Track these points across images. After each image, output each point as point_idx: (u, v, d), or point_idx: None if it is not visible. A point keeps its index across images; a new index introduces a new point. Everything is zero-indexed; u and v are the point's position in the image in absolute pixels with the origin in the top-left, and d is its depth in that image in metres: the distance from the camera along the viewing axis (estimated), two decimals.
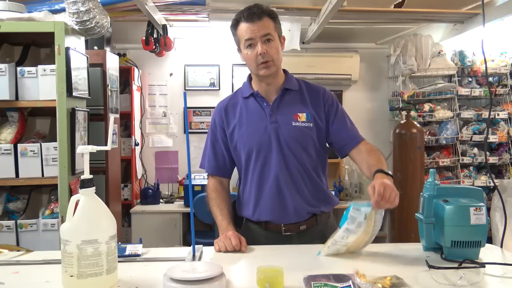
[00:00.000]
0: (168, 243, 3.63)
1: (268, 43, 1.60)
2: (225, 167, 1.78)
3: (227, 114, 1.73)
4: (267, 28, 1.60)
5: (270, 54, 1.60)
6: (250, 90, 1.72)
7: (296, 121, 1.65)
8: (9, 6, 2.38)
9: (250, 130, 1.67)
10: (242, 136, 1.68)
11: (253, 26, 1.59)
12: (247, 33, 1.60)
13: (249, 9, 1.60)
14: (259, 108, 1.69)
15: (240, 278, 1.22)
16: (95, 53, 3.20)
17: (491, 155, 4.07)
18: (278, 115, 1.66)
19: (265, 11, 1.61)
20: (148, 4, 3.06)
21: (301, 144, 1.64)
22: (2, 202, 2.45)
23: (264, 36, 1.59)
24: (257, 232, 1.70)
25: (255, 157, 1.66)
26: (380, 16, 3.46)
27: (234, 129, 1.70)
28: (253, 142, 1.66)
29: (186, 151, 1.39)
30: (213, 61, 4.29)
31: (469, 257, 1.34)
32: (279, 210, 1.64)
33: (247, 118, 1.69)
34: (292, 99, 1.69)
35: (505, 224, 1.86)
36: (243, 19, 1.61)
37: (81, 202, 1.15)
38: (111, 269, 1.15)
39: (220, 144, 1.75)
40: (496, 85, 4.13)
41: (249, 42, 1.61)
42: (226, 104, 1.76)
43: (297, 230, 1.66)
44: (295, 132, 1.64)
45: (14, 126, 2.42)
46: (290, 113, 1.66)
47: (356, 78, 4.15)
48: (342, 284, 1.10)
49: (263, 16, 1.60)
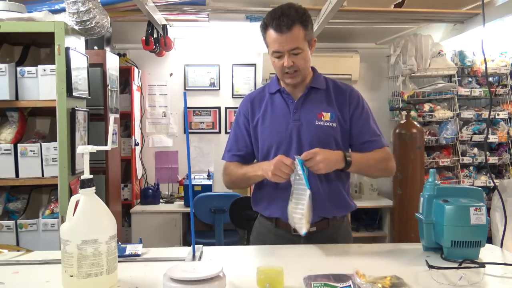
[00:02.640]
0: (168, 243, 3.63)
1: (296, 56, 1.56)
2: (245, 157, 1.75)
3: (253, 106, 1.72)
4: (296, 40, 1.53)
5: (297, 65, 1.57)
6: (277, 86, 1.70)
7: (319, 120, 1.62)
8: (9, 6, 2.38)
9: (272, 126, 1.66)
10: (263, 131, 1.67)
11: (281, 38, 1.53)
12: (274, 45, 1.55)
13: (279, 19, 1.52)
14: (284, 104, 1.67)
15: (240, 278, 1.22)
16: (95, 53, 3.20)
17: (491, 155, 4.07)
18: (302, 113, 1.64)
19: (296, 20, 1.52)
20: (148, 4, 3.06)
21: (322, 144, 1.57)
22: (2, 202, 2.45)
23: (291, 50, 1.54)
24: (268, 229, 1.70)
25: (274, 153, 1.63)
26: (380, 16, 3.46)
27: (257, 122, 1.70)
28: (273, 139, 1.64)
29: (186, 151, 1.39)
30: (213, 61, 4.29)
31: (469, 257, 1.34)
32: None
33: (271, 114, 1.68)
34: (317, 98, 1.66)
35: (505, 224, 1.86)
36: (272, 28, 1.54)
37: (81, 202, 1.15)
38: (111, 269, 1.15)
39: (244, 135, 1.74)
40: (496, 85, 4.13)
41: (277, 54, 1.57)
42: (253, 96, 1.75)
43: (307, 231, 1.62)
44: (317, 131, 1.61)
45: (14, 126, 2.42)
46: (314, 111, 1.63)
47: (356, 78, 4.15)
48: (342, 284, 1.10)
49: (293, 26, 1.52)
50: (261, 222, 1.75)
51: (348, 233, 1.75)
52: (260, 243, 1.68)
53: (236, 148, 1.74)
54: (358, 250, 1.51)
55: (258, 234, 1.75)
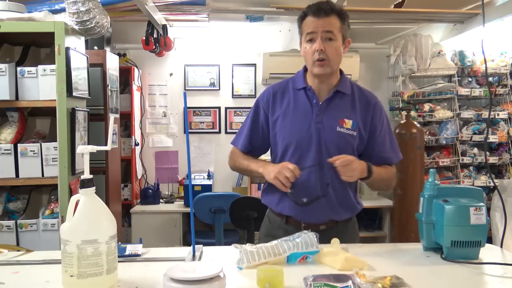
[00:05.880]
0: (168, 243, 3.63)
1: (329, 42, 1.56)
2: (256, 150, 1.76)
3: (275, 100, 1.70)
4: (332, 25, 1.56)
5: (328, 53, 1.56)
6: (303, 83, 1.68)
7: (341, 127, 1.62)
8: (9, 6, 2.38)
9: (293, 124, 1.65)
10: (284, 128, 1.66)
11: (318, 21, 1.55)
12: (310, 27, 1.57)
13: (319, 4, 1.57)
14: (307, 104, 1.65)
15: (240, 278, 1.22)
16: (95, 53, 3.20)
17: (491, 155, 4.07)
18: (325, 116, 1.63)
19: (335, 9, 1.57)
20: (148, 4, 3.06)
21: (340, 150, 1.58)
22: (2, 202, 2.45)
23: (326, 33, 1.55)
24: (278, 224, 1.71)
25: (292, 152, 1.64)
26: (380, 16, 3.46)
27: (278, 118, 1.68)
28: (293, 138, 1.64)
29: (186, 151, 1.39)
30: (213, 61, 4.29)
31: (469, 257, 1.34)
32: (302, 209, 1.64)
33: (293, 111, 1.66)
34: (342, 103, 1.65)
35: (505, 224, 1.86)
36: (311, 13, 1.57)
37: (81, 202, 1.15)
38: (111, 269, 1.15)
39: (259, 127, 1.73)
40: (496, 85, 4.13)
41: (310, 36, 1.57)
42: (276, 90, 1.72)
43: (317, 229, 1.60)
44: (337, 138, 1.61)
45: (14, 126, 2.42)
46: (337, 117, 1.63)
47: (356, 78, 4.15)
48: (342, 284, 1.10)
49: (331, 14, 1.55)
50: (270, 218, 1.75)
51: (355, 232, 1.77)
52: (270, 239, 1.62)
53: (249, 138, 1.74)
54: (358, 250, 1.51)
55: (268, 230, 1.75)
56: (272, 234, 1.68)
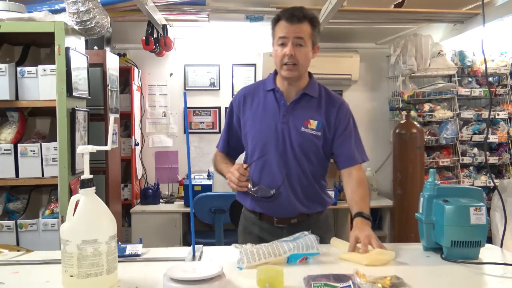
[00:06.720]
0: (168, 243, 3.63)
1: (299, 47, 1.63)
2: (233, 150, 1.88)
3: (246, 102, 1.79)
4: (303, 32, 1.63)
5: (297, 58, 1.63)
6: (272, 84, 1.76)
7: (305, 127, 1.70)
8: (9, 6, 2.38)
9: (261, 124, 1.73)
10: (252, 129, 1.75)
11: (290, 27, 1.62)
12: (282, 31, 1.63)
13: (293, 10, 1.64)
14: (276, 105, 1.73)
15: (240, 278, 1.22)
16: (95, 53, 3.20)
17: (491, 155, 4.07)
18: (291, 117, 1.71)
19: (307, 16, 1.64)
20: (148, 4, 3.06)
21: (304, 149, 1.69)
22: (2, 202, 2.45)
23: (297, 39, 1.62)
24: (252, 221, 1.80)
25: (259, 151, 1.72)
26: (380, 16, 3.46)
27: (248, 119, 1.77)
28: (261, 137, 1.72)
29: (186, 151, 1.39)
30: (213, 61, 4.28)
31: (469, 257, 1.34)
32: (272, 206, 1.72)
33: (262, 112, 1.74)
34: (308, 105, 1.73)
35: (505, 224, 1.86)
36: (284, 18, 1.64)
37: (81, 202, 1.15)
38: (111, 269, 1.15)
39: (233, 128, 1.84)
40: (496, 85, 4.12)
41: (282, 40, 1.64)
42: (247, 92, 1.81)
43: (289, 223, 1.74)
44: (301, 138, 1.69)
45: (14, 126, 2.42)
46: (302, 118, 1.70)
47: (356, 78, 4.15)
48: (342, 284, 1.10)
49: (303, 20, 1.62)
50: (245, 215, 1.85)
51: (328, 225, 1.85)
52: (247, 235, 1.80)
53: (227, 140, 1.86)
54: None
55: (244, 227, 1.85)
56: (248, 230, 1.80)
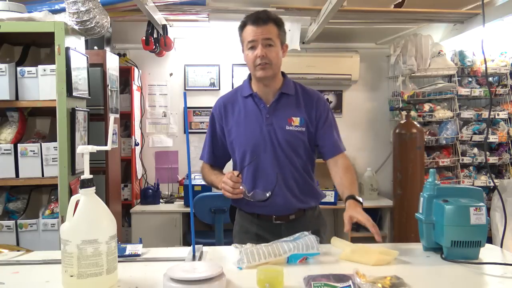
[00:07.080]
0: (168, 243, 3.63)
1: (269, 47, 1.68)
2: (220, 159, 1.89)
3: (227, 111, 1.81)
4: (270, 33, 1.68)
5: (269, 57, 1.68)
6: (249, 90, 1.80)
7: (289, 125, 1.75)
8: (9, 6, 2.38)
9: (246, 131, 1.76)
10: (238, 136, 1.77)
11: (257, 29, 1.67)
12: (250, 35, 1.68)
13: (257, 14, 1.69)
14: (256, 109, 1.77)
15: (240, 278, 1.22)
16: (95, 53, 3.20)
17: (491, 155, 4.07)
18: (274, 118, 1.75)
19: (271, 18, 1.69)
20: (148, 4, 3.06)
21: (292, 146, 1.74)
22: (2, 202, 2.45)
23: (265, 40, 1.67)
24: (250, 220, 1.81)
25: (249, 156, 1.74)
26: (380, 16, 3.46)
27: (232, 127, 1.79)
28: (248, 143, 1.75)
29: (186, 151, 1.39)
30: (213, 61, 4.28)
31: (469, 257, 1.34)
32: (270, 206, 1.73)
33: (245, 119, 1.77)
34: (287, 103, 1.77)
35: (505, 224, 1.86)
36: (250, 22, 1.69)
37: (81, 202, 1.15)
38: (111, 269, 1.15)
39: (217, 138, 1.85)
40: (496, 85, 4.12)
41: (251, 44, 1.68)
42: (226, 101, 1.84)
43: (287, 219, 1.78)
44: (288, 136, 1.74)
45: (14, 126, 2.42)
46: (285, 117, 1.75)
47: (356, 78, 4.15)
48: (342, 284, 1.10)
49: (268, 22, 1.68)
50: (242, 215, 1.86)
51: (322, 219, 1.89)
52: (243, 234, 1.81)
53: (212, 151, 1.87)
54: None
55: (240, 226, 1.86)
56: (245, 229, 1.82)
